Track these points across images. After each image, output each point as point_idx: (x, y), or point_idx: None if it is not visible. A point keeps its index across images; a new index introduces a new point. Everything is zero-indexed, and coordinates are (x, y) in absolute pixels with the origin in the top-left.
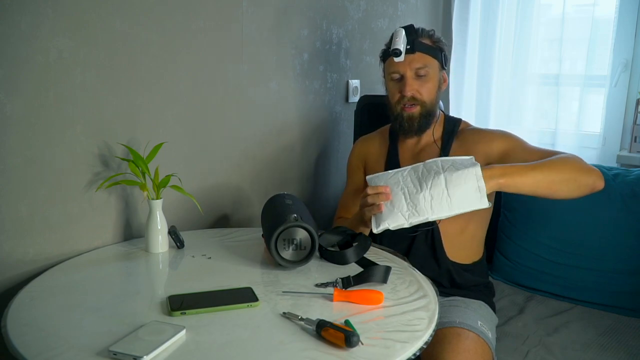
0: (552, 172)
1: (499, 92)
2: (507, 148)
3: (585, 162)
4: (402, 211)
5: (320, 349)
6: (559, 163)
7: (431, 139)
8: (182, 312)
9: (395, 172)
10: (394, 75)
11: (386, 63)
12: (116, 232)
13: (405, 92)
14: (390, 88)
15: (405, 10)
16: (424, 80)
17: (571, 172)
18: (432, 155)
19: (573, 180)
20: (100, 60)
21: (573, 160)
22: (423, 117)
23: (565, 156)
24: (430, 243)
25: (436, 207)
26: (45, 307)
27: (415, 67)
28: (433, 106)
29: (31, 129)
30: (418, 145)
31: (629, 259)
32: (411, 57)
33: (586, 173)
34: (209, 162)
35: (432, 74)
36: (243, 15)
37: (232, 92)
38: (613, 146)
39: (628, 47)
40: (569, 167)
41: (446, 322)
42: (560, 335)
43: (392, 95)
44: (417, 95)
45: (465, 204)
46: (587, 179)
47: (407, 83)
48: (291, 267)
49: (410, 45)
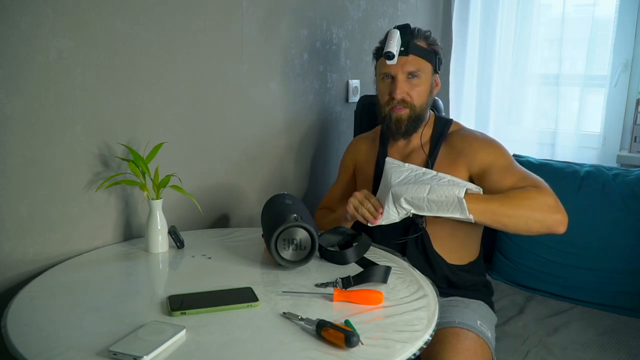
0: (522, 217)
1: (499, 92)
2: (489, 163)
3: (551, 196)
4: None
5: (320, 349)
6: (531, 204)
7: (419, 142)
8: (182, 312)
9: (407, 169)
10: (385, 76)
11: (378, 62)
12: (116, 232)
13: (395, 95)
14: (381, 88)
15: (405, 10)
16: (416, 84)
17: (538, 209)
18: (420, 159)
19: (541, 221)
20: (100, 60)
21: (540, 195)
22: (411, 120)
23: (534, 190)
24: (421, 248)
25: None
26: (45, 307)
27: (407, 70)
28: (422, 110)
29: (31, 129)
30: (407, 147)
31: (629, 259)
32: (404, 59)
33: (553, 211)
34: (209, 162)
35: (424, 77)
36: (243, 15)
37: (232, 92)
38: (613, 146)
39: (628, 47)
40: (538, 203)
41: (446, 322)
42: (560, 335)
43: (382, 95)
44: (407, 98)
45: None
46: (552, 218)
47: (397, 85)
48: (291, 267)
49: (404, 47)
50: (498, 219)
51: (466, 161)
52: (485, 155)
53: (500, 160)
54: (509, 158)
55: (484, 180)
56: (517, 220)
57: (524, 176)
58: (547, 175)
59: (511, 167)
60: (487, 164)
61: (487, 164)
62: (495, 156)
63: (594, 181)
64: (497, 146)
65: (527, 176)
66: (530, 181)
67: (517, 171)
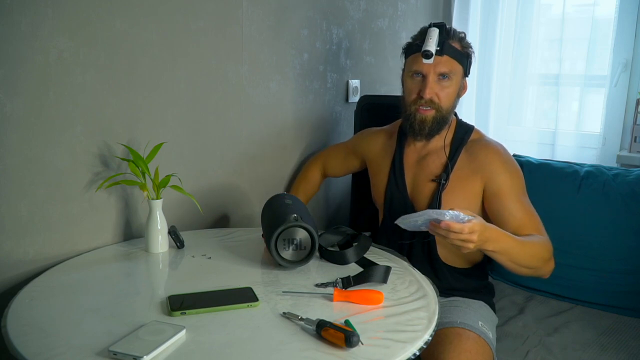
0: (525, 259)
1: (499, 92)
2: (507, 188)
3: (549, 251)
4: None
5: (320, 349)
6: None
7: (439, 145)
8: (182, 312)
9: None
10: (415, 74)
11: (409, 58)
12: (116, 232)
13: (424, 94)
14: (409, 85)
15: (405, 10)
16: (446, 85)
17: (537, 262)
18: (437, 162)
19: (535, 269)
20: (100, 60)
21: (543, 250)
22: (436, 122)
23: (540, 244)
24: (426, 252)
25: None
26: (45, 307)
27: (440, 70)
28: (448, 113)
29: (31, 129)
30: (425, 148)
31: (629, 259)
32: (438, 59)
33: (546, 265)
34: (209, 162)
35: (455, 80)
36: (243, 15)
37: (232, 92)
38: (613, 146)
39: (628, 47)
40: (538, 257)
41: (447, 322)
42: (560, 335)
43: (409, 93)
44: (435, 99)
45: None
46: (544, 269)
47: (428, 85)
48: (291, 267)
49: (440, 47)
50: (508, 257)
51: (485, 177)
52: (506, 179)
53: (518, 188)
54: (524, 187)
55: (497, 202)
56: (524, 262)
57: (532, 215)
58: (547, 175)
59: (523, 199)
60: (506, 188)
61: (506, 189)
62: (514, 182)
63: (594, 181)
64: (517, 171)
65: (535, 216)
66: (535, 222)
67: (528, 208)
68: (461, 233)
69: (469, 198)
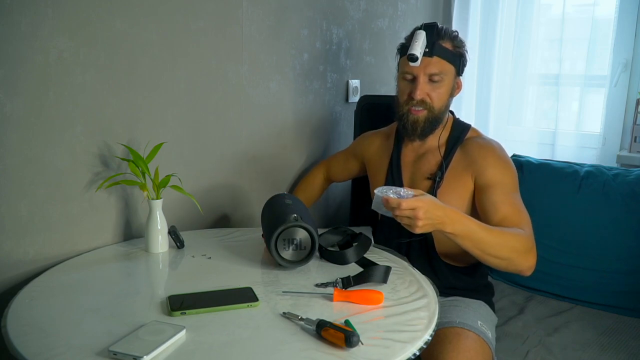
0: (492, 248)
1: (499, 92)
2: (496, 182)
3: (525, 243)
4: None
5: (320, 349)
6: (505, 241)
7: (436, 144)
8: (182, 312)
9: None
10: (406, 75)
11: (401, 60)
12: (116, 232)
13: (415, 95)
14: (401, 87)
15: (405, 10)
16: (437, 86)
17: (508, 253)
18: (433, 160)
19: (507, 260)
20: (100, 60)
21: (515, 241)
22: (428, 122)
23: (513, 234)
24: (425, 251)
25: None
26: (45, 307)
27: (429, 72)
28: (441, 112)
29: (31, 129)
30: (422, 147)
31: (629, 259)
32: (428, 60)
33: (521, 257)
34: (209, 162)
35: (446, 80)
36: (243, 15)
37: (232, 92)
38: (613, 146)
39: (628, 47)
40: (509, 247)
41: (446, 322)
42: (560, 335)
43: (401, 94)
44: (427, 99)
45: None
46: (520, 263)
47: (418, 86)
48: (291, 267)
49: (429, 48)
50: (472, 243)
51: (475, 171)
52: (496, 173)
53: (507, 183)
54: (515, 185)
55: (484, 195)
56: (492, 250)
57: (519, 210)
58: (547, 175)
59: (513, 196)
60: (494, 182)
61: (494, 182)
62: (504, 177)
63: (594, 181)
64: (509, 168)
65: (521, 212)
66: (520, 218)
67: (515, 203)
68: (399, 208)
69: (462, 195)
